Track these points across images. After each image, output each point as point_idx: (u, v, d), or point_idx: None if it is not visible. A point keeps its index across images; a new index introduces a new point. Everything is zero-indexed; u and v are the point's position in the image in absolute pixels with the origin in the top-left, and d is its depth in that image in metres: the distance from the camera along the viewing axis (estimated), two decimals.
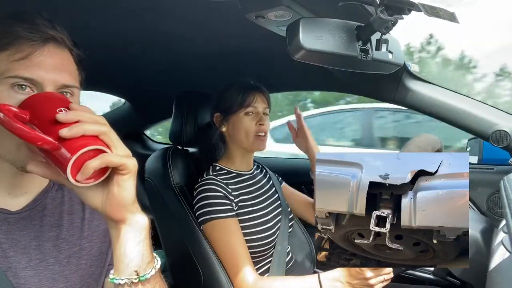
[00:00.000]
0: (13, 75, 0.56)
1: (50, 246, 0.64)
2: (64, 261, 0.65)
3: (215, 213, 1.11)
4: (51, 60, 0.59)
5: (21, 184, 0.64)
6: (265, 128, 1.21)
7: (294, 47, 0.73)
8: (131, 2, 0.87)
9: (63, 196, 0.71)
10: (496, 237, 0.82)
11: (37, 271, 0.62)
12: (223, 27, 1.02)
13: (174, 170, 1.29)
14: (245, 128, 1.19)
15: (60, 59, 0.61)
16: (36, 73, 0.57)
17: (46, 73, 0.58)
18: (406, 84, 1.24)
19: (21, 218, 0.63)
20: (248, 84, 1.24)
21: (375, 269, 0.89)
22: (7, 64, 0.56)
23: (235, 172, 1.25)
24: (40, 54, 0.58)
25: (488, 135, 1.15)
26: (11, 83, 0.56)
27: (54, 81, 0.59)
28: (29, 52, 0.57)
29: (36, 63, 0.57)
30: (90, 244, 0.70)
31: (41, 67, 0.58)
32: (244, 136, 1.20)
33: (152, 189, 1.33)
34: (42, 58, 0.58)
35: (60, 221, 0.68)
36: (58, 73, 0.59)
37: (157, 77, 1.58)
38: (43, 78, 0.57)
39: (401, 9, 0.69)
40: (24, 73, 0.56)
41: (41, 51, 0.58)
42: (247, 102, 1.19)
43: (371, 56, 0.79)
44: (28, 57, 0.57)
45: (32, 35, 0.57)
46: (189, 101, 1.41)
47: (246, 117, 1.20)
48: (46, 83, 0.58)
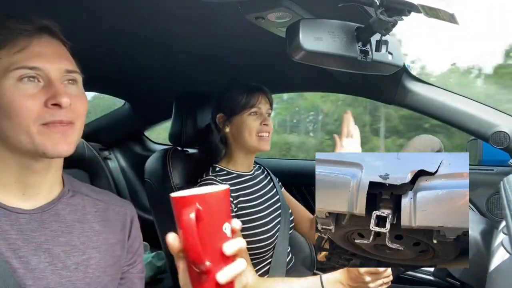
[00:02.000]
0: (17, 67, 0.58)
1: (59, 251, 0.65)
2: (72, 267, 0.66)
3: None
4: (49, 49, 0.62)
5: (34, 184, 0.65)
6: (268, 129, 1.22)
7: (294, 48, 0.73)
8: (131, 4, 0.87)
9: (77, 204, 0.72)
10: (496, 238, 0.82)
11: (45, 274, 0.62)
12: (223, 28, 1.03)
13: (174, 171, 1.30)
14: (249, 129, 1.20)
15: (57, 48, 0.63)
16: (39, 62, 0.59)
17: (48, 61, 0.60)
18: (406, 85, 1.24)
19: (32, 219, 0.64)
20: (251, 85, 1.25)
21: (374, 273, 0.89)
22: (8, 58, 0.59)
23: (236, 173, 1.25)
24: (37, 45, 0.60)
25: (488, 136, 1.15)
26: (18, 75, 0.58)
27: (58, 68, 0.61)
28: (26, 43, 0.59)
29: (36, 53, 0.60)
30: (99, 255, 0.70)
31: (42, 56, 0.60)
32: (248, 137, 1.20)
33: (152, 189, 1.33)
34: (40, 48, 0.60)
35: (71, 228, 0.68)
36: (59, 60, 0.62)
37: (157, 78, 1.59)
38: (46, 65, 0.60)
39: (401, 10, 0.69)
40: (27, 62, 0.58)
41: (37, 41, 0.60)
42: (251, 103, 1.20)
43: (371, 57, 0.79)
44: (26, 48, 0.59)
45: (25, 26, 0.60)
46: (189, 102, 1.41)
47: (250, 117, 1.21)
48: (51, 70, 0.60)
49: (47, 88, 0.60)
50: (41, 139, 0.59)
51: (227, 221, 0.52)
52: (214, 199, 0.51)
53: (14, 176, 0.63)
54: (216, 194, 0.52)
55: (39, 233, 0.64)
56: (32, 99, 0.59)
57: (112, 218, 0.75)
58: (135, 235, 0.79)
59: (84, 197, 0.74)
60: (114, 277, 0.73)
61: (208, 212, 0.50)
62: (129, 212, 0.79)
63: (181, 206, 0.50)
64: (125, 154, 2.34)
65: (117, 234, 0.75)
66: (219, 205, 0.52)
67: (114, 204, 0.78)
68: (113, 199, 0.79)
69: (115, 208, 0.77)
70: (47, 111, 0.59)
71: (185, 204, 0.50)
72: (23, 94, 0.58)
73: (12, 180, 0.63)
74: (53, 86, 0.60)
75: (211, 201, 0.51)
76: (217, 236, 0.51)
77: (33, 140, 0.59)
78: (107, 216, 0.75)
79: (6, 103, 0.58)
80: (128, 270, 0.78)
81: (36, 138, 0.59)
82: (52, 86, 0.60)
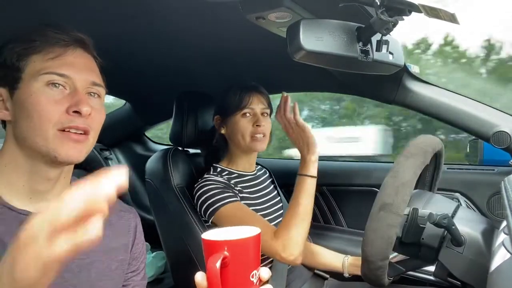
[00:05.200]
0: (48, 72, 0.61)
1: None
2: (75, 270, 0.66)
3: (220, 200, 1.10)
4: (81, 60, 0.65)
5: (44, 191, 0.66)
6: (262, 129, 1.20)
7: (295, 48, 0.73)
8: (131, 4, 0.87)
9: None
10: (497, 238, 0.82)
11: None
12: (224, 28, 1.03)
13: (175, 171, 1.29)
14: (241, 130, 1.19)
15: (88, 61, 0.68)
16: (69, 71, 0.63)
17: (78, 71, 0.64)
18: (406, 85, 1.24)
19: None
20: (245, 85, 1.23)
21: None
22: (42, 63, 0.62)
23: (237, 173, 1.25)
24: (70, 55, 0.64)
25: (489, 136, 1.15)
26: (46, 80, 0.61)
27: (85, 79, 0.65)
28: (61, 52, 0.63)
29: (68, 62, 0.63)
30: (101, 259, 0.71)
31: (73, 66, 0.64)
32: (241, 138, 1.20)
33: (152, 190, 1.33)
34: (73, 58, 0.64)
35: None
36: (88, 72, 0.66)
37: (158, 78, 1.58)
38: (75, 75, 0.63)
39: (402, 10, 0.69)
40: (58, 69, 0.62)
41: (71, 52, 0.64)
42: (243, 104, 1.19)
43: (372, 57, 0.79)
44: (60, 56, 0.63)
45: (63, 36, 0.64)
46: (189, 102, 1.41)
47: (243, 118, 1.20)
48: (78, 80, 0.64)
49: (71, 96, 0.63)
50: (55, 144, 0.61)
51: (256, 268, 0.50)
52: (245, 246, 0.49)
53: (24, 180, 0.64)
54: (247, 240, 0.49)
55: None
56: (56, 104, 0.61)
57: (116, 222, 0.76)
58: (139, 241, 0.80)
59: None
60: (117, 281, 0.73)
61: (236, 260, 0.48)
62: (133, 217, 0.80)
63: (209, 250, 0.48)
64: (126, 154, 2.33)
65: (120, 239, 0.75)
66: (248, 252, 0.49)
67: (118, 209, 0.78)
68: (117, 203, 0.79)
69: (119, 212, 0.78)
70: (67, 117, 0.62)
71: (213, 249, 0.48)
72: (49, 99, 0.61)
73: (21, 183, 0.64)
74: (77, 94, 0.63)
75: (241, 248, 0.48)
76: (244, 284, 0.49)
77: (48, 143, 0.61)
78: (111, 220, 0.75)
79: (31, 104, 0.61)
80: (131, 277, 0.78)
81: (51, 142, 0.61)
82: (76, 95, 0.63)
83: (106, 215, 0.39)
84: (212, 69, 1.44)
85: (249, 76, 1.37)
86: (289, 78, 1.53)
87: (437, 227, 0.83)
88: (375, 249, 0.83)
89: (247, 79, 1.28)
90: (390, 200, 0.81)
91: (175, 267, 1.35)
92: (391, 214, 0.80)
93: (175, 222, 1.24)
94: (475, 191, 1.38)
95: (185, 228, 1.21)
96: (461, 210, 0.93)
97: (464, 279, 0.87)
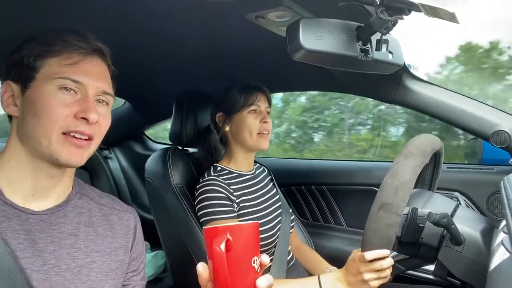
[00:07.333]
0: (63, 77, 0.63)
1: (64, 253, 0.66)
2: (75, 269, 0.67)
3: (216, 214, 1.11)
4: (96, 69, 0.67)
5: (47, 188, 0.67)
6: (268, 126, 1.23)
7: (294, 47, 0.73)
8: (132, 4, 0.87)
9: (83, 206, 0.73)
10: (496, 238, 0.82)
11: (49, 276, 0.63)
12: (223, 27, 1.03)
13: (174, 171, 1.30)
14: (249, 127, 1.20)
15: (103, 70, 0.70)
16: (83, 78, 0.65)
17: (91, 79, 0.66)
18: (406, 85, 1.24)
19: (41, 220, 0.65)
20: (250, 84, 1.25)
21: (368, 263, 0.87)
22: (58, 67, 0.64)
23: (237, 172, 1.25)
24: (87, 63, 0.66)
25: (488, 135, 1.15)
26: (59, 84, 0.63)
27: (97, 87, 0.67)
28: (78, 60, 0.65)
29: (84, 70, 0.65)
30: (102, 259, 0.71)
31: (88, 74, 0.66)
32: (248, 135, 1.21)
33: (152, 189, 1.33)
34: (89, 66, 0.66)
35: (77, 231, 0.69)
36: (100, 81, 0.68)
37: (157, 77, 1.58)
38: (88, 83, 0.65)
39: (401, 9, 0.69)
40: (73, 76, 0.64)
41: (88, 60, 0.66)
42: (250, 101, 1.20)
43: (371, 56, 0.79)
44: (77, 63, 0.65)
45: (82, 44, 0.66)
46: (189, 102, 1.41)
47: (250, 115, 1.21)
48: (90, 87, 0.66)
49: (81, 102, 0.64)
50: (57, 147, 0.62)
51: (256, 255, 0.53)
52: (245, 232, 0.53)
53: (27, 177, 0.65)
54: (246, 227, 0.53)
55: (46, 234, 0.65)
56: (64, 108, 0.63)
57: (116, 223, 0.76)
58: (139, 241, 0.80)
59: (90, 200, 0.75)
60: (117, 281, 0.74)
61: (238, 244, 0.51)
62: (133, 218, 0.80)
63: (212, 236, 0.51)
64: (126, 153, 2.33)
65: (120, 239, 0.76)
66: (249, 238, 0.53)
67: (118, 209, 0.79)
68: (117, 203, 0.80)
69: (119, 212, 0.78)
70: (74, 121, 0.63)
71: (216, 234, 0.51)
72: (59, 102, 0.63)
73: (24, 180, 0.65)
74: (88, 101, 0.65)
75: (242, 233, 0.52)
76: (246, 269, 0.52)
77: (50, 145, 0.62)
78: (111, 220, 0.76)
79: (41, 105, 0.62)
80: (131, 277, 0.78)
81: (54, 144, 0.62)
82: (86, 101, 0.65)
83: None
84: (212, 68, 1.44)
85: (248, 75, 1.37)
86: (288, 77, 1.53)
87: (437, 226, 0.83)
88: (375, 248, 0.83)
89: (246, 78, 1.28)
90: (389, 199, 0.81)
91: (175, 266, 1.36)
92: (391, 214, 0.80)
93: (175, 221, 1.24)
94: (475, 190, 1.38)
95: (185, 227, 1.21)
96: (461, 209, 0.93)
97: (464, 278, 0.87)
